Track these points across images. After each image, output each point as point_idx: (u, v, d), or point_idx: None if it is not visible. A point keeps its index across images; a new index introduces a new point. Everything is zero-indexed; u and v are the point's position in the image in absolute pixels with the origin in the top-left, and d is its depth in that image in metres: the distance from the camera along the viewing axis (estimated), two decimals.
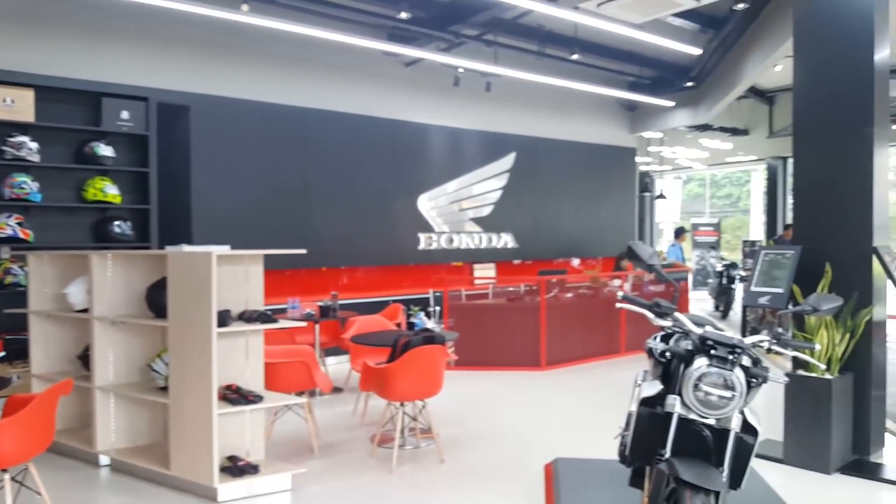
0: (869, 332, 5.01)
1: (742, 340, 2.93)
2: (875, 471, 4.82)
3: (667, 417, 2.92)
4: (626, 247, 3.45)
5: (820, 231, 5.24)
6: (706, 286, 16.74)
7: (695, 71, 11.27)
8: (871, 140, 5.04)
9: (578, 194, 11.82)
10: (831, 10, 5.25)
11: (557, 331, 8.41)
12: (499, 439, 5.61)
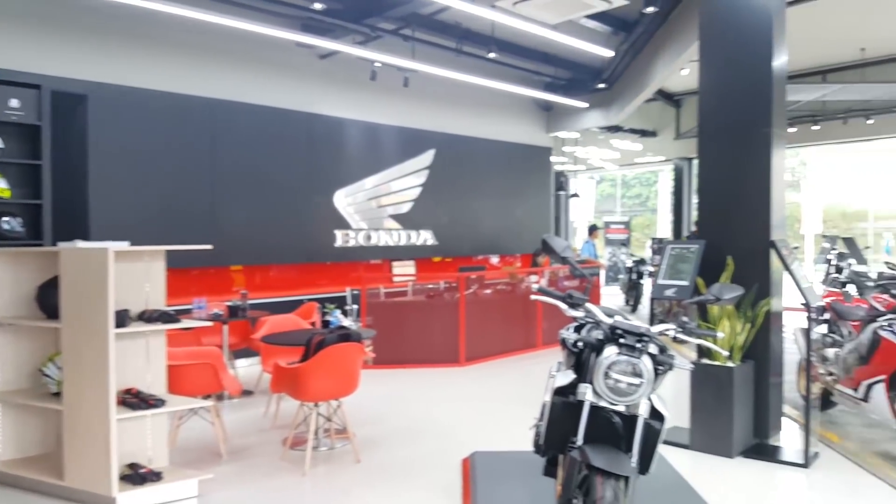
0: (767, 322, 5.28)
1: (649, 329, 3.01)
2: (774, 453, 5.08)
3: (579, 406, 2.97)
4: (541, 240, 3.48)
5: (722, 226, 5.48)
6: (617, 282, 17.30)
7: (607, 73, 11.59)
8: (770, 141, 5.32)
9: (497, 192, 11.94)
10: (734, 19, 5.49)
11: (476, 327, 8.44)
12: (416, 437, 5.56)
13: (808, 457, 4.79)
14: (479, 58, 9.66)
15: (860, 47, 12.56)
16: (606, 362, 2.93)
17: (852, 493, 4.36)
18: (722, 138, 5.55)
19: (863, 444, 5.29)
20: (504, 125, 12.37)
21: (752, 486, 4.50)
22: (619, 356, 2.93)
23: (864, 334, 5.35)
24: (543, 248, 3.43)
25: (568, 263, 3.40)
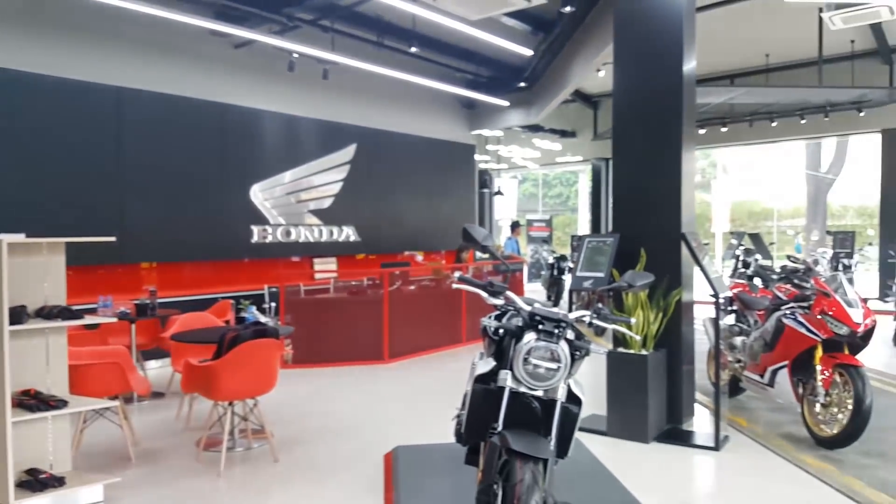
0: (679, 312, 5.47)
1: (567, 315, 3.05)
2: (687, 438, 5.26)
3: (499, 392, 2.98)
4: (462, 229, 3.47)
5: (636, 220, 5.67)
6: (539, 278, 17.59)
7: (527, 72, 11.78)
8: (680, 140, 5.53)
9: (421, 189, 11.91)
10: (646, 23, 5.67)
11: (400, 324, 8.38)
12: (338, 434, 5.45)
13: (719, 440, 4.98)
14: (401, 52, 9.62)
15: (765, 53, 13.26)
16: (526, 348, 2.95)
17: (759, 473, 4.55)
18: (635, 137, 5.73)
19: (769, 427, 5.55)
20: (427, 121, 12.36)
21: (666, 470, 4.64)
22: (537, 342, 2.95)
23: (769, 322, 5.62)
24: (464, 237, 3.41)
25: (488, 252, 3.40)
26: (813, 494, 4.15)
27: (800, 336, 5.11)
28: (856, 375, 4.75)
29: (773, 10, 10.14)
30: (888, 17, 9.13)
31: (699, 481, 4.61)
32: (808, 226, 26.66)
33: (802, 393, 5.14)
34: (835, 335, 4.91)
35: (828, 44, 11.12)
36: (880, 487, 4.21)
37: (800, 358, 5.15)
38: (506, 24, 9.48)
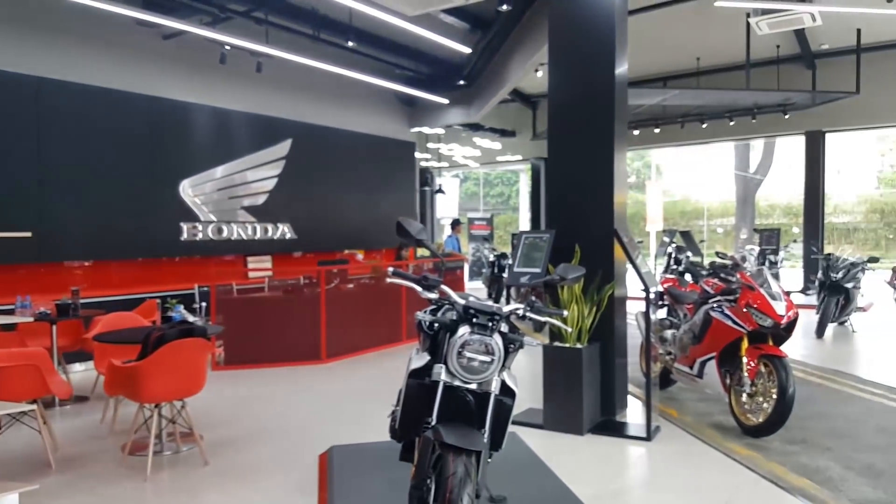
0: (612, 306, 5.58)
1: (500, 309, 3.05)
2: (620, 429, 5.36)
3: (433, 387, 2.97)
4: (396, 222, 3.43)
5: (571, 217, 5.76)
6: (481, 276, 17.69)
7: (467, 70, 11.82)
8: (613, 140, 5.63)
9: (359, 186, 11.76)
10: (580, 25, 5.75)
11: (338, 323, 8.25)
12: (272, 436, 5.31)
13: (651, 431, 5.09)
14: (338, 46, 9.50)
15: (696, 56, 13.70)
16: (460, 341, 2.95)
17: (689, 462, 4.67)
18: (569, 137, 5.82)
19: (698, 417, 5.71)
20: (366, 117, 12.25)
21: (599, 460, 4.71)
22: (471, 335, 2.96)
23: (697, 316, 5.78)
24: (398, 231, 3.37)
25: (422, 246, 3.37)
26: (740, 481, 4.28)
27: (726, 328, 5.27)
28: (779, 366, 4.93)
29: (704, 15, 10.47)
30: (810, 24, 9.58)
31: (632, 471, 4.69)
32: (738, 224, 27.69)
33: (729, 383, 5.31)
34: (759, 327, 5.08)
35: (755, 48, 11.57)
36: (802, 472, 4.38)
37: (727, 349, 5.31)
38: (444, 21, 9.49)
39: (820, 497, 3.98)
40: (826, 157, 14.86)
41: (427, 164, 17.37)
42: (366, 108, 12.28)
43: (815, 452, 4.76)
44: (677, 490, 4.19)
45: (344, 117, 11.64)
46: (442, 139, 17.09)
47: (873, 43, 12.46)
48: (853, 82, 12.18)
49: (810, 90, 13.01)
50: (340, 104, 11.59)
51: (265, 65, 9.23)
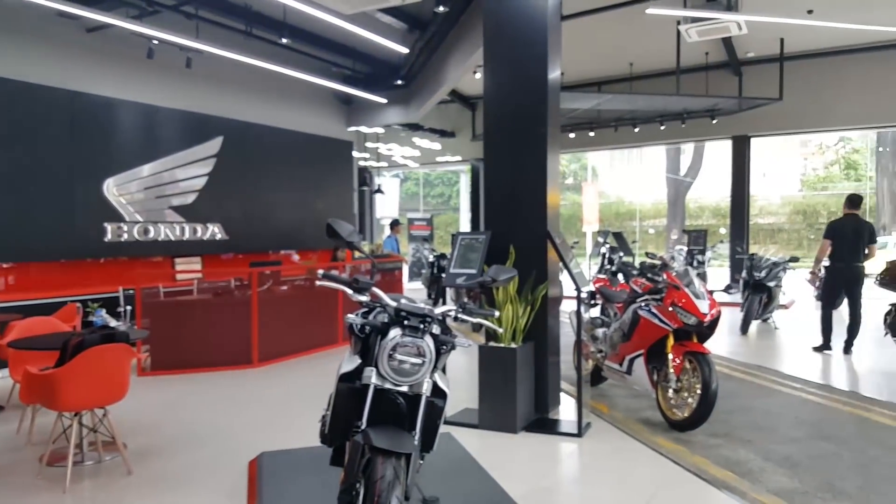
0: (545, 306, 5.66)
1: (432, 310, 3.06)
2: (553, 426, 5.44)
3: (364, 390, 2.94)
4: (326, 224, 3.40)
5: (506, 219, 5.82)
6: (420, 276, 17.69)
7: (405, 70, 11.79)
8: (546, 143, 5.70)
9: (295, 185, 11.56)
10: (514, 28, 5.81)
11: (271, 325, 8.08)
12: (200, 443, 5.16)
13: (582, 427, 5.19)
14: (272, 43, 9.31)
15: (629, 62, 14.06)
16: (391, 344, 2.94)
17: (618, 457, 4.78)
18: (504, 139, 5.87)
19: (627, 413, 5.86)
20: (302, 115, 12.07)
21: (532, 458, 4.77)
22: (403, 337, 2.95)
23: (626, 314, 5.93)
24: (328, 233, 3.34)
25: (353, 248, 3.34)
26: (666, 474, 4.41)
27: (653, 326, 5.42)
28: (703, 362, 5.11)
29: (636, 22, 10.74)
30: (737, 32, 9.95)
31: (563, 467, 4.77)
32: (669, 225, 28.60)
33: (656, 379, 5.46)
34: (684, 325, 5.25)
35: (685, 55, 11.94)
36: (724, 465, 4.54)
37: (654, 347, 5.46)
38: (381, 20, 9.43)
39: (740, 488, 4.13)
40: (751, 160, 15.51)
41: (366, 164, 17.25)
42: (301, 106, 12.10)
43: (736, 445, 4.95)
44: (606, 485, 4.28)
45: (278, 115, 11.42)
46: (381, 139, 17.00)
47: (796, 52, 13.05)
48: (777, 89, 12.74)
49: (737, 96, 13.53)
50: (275, 101, 11.38)
51: (195, 60, 8.97)
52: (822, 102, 13.68)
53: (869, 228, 8.11)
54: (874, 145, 34.33)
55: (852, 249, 8.04)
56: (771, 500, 3.96)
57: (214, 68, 9.61)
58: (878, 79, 13.14)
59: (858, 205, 8.27)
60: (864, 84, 13.27)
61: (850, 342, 8.26)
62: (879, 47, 12.71)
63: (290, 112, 11.74)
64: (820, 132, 21.84)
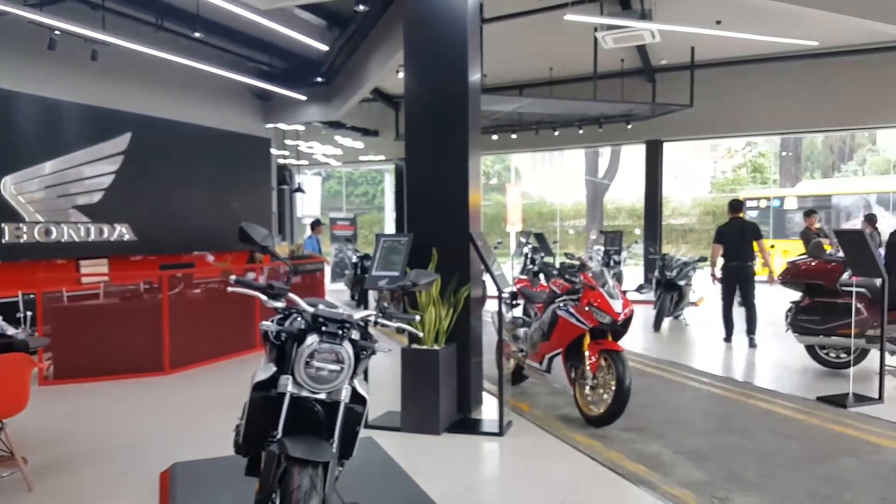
0: (468, 307, 5.69)
1: (351, 315, 3.01)
2: (475, 426, 5.49)
3: (279, 398, 2.86)
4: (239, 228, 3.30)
5: (428, 220, 5.82)
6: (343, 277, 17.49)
7: (325, 67, 11.61)
8: (467, 145, 5.73)
9: (209, 183, 11.14)
10: (434, 31, 5.81)
11: (184, 330, 7.76)
12: (108, 455, 4.91)
13: (503, 426, 5.25)
14: (184, 37, 8.97)
15: (549, 67, 14.36)
16: (308, 350, 2.88)
17: (537, 454, 4.87)
18: (426, 140, 5.87)
19: (547, 410, 5.97)
20: (217, 111, 11.67)
21: (454, 458, 4.79)
22: (320, 344, 2.89)
23: (546, 314, 6.05)
24: (241, 238, 3.23)
25: (268, 252, 3.26)
26: (582, 469, 4.52)
27: (571, 326, 5.56)
28: (617, 359, 5.27)
29: (555, 27, 10.98)
30: (650, 40, 10.34)
31: (484, 467, 4.82)
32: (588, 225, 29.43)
33: (574, 377, 5.59)
34: (600, 324, 5.40)
35: (602, 61, 12.30)
36: (637, 459, 4.70)
37: (572, 345, 5.60)
38: (300, 16, 9.25)
39: (653, 482, 4.29)
40: (664, 164, 16.15)
41: (285, 162, 16.89)
42: (216, 102, 11.70)
43: (649, 439, 5.13)
44: (526, 482, 4.34)
45: (191, 110, 11.00)
46: (301, 136, 16.69)
47: (706, 60, 13.68)
48: (688, 96, 13.31)
49: (650, 102, 14.06)
50: (187, 97, 10.95)
51: (102, 53, 8.52)
52: (730, 109, 14.40)
53: (751, 229, 8.88)
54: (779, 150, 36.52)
55: (739, 250, 8.75)
56: (681, 492, 4.12)
57: (122, 61, 9.17)
58: (782, 88, 13.96)
59: (739, 209, 9.09)
60: (769, 92, 14.07)
61: (751, 335, 8.82)
62: (783, 58, 13.50)
63: (203, 108, 11.33)
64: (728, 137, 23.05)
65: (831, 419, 5.58)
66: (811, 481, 4.26)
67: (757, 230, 8.95)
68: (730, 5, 10.65)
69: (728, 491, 4.13)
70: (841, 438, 5.11)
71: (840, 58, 13.22)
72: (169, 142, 10.33)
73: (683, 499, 4.02)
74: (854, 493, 4.07)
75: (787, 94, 13.94)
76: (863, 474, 4.37)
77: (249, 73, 11.17)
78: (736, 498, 4.03)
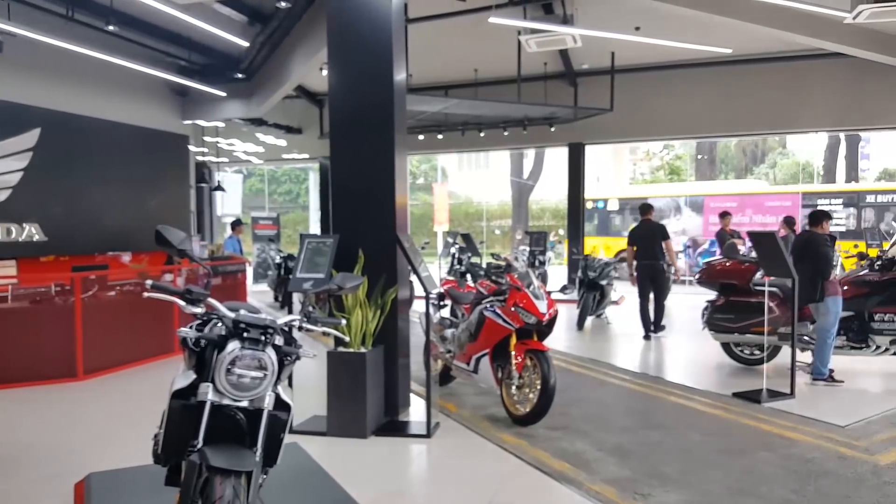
0: (395, 309, 5.67)
1: (274, 321, 2.96)
2: (403, 428, 5.48)
3: (200, 407, 2.78)
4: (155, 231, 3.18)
5: (354, 221, 5.76)
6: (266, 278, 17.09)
7: (245, 63, 11.31)
8: (393, 145, 5.71)
9: (124, 182, 10.65)
10: (357, 31, 5.75)
11: (98, 335, 7.40)
12: (18, 466, 4.63)
13: (430, 428, 5.27)
14: (97, 29, 8.54)
15: (474, 68, 14.48)
16: (229, 357, 2.82)
17: (464, 454, 4.91)
18: (350, 140, 5.81)
19: (475, 410, 6.02)
20: (132, 107, 11.17)
21: (380, 462, 4.77)
22: (242, 350, 2.83)
23: (473, 315, 6.10)
24: (157, 241, 3.12)
25: (185, 256, 3.15)
26: (509, 469, 4.59)
27: (497, 326, 5.62)
28: (542, 359, 5.37)
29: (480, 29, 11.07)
30: (572, 45, 10.58)
31: (411, 469, 4.82)
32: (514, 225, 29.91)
33: (501, 377, 5.67)
34: (525, 324, 5.49)
35: (525, 65, 12.50)
36: (562, 456, 4.80)
37: (498, 346, 5.67)
38: (220, 11, 8.97)
39: (577, 479, 4.39)
40: (586, 166, 16.58)
41: (205, 159, 16.36)
42: (132, 97, 11.19)
43: (574, 437, 5.26)
44: (452, 484, 4.37)
45: (106, 106, 10.49)
46: (221, 133, 16.20)
47: (625, 65, 14.09)
48: (608, 100, 13.69)
49: (572, 106, 14.39)
50: (101, 92, 10.43)
51: (7, 44, 8.00)
52: (649, 113, 14.92)
53: (660, 230, 9.57)
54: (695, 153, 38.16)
55: (649, 250, 9.45)
56: (604, 488, 4.24)
57: (31, 54, 8.65)
58: (698, 93, 14.58)
59: (647, 212, 9.76)
60: (685, 98, 14.66)
61: (657, 324, 9.60)
62: (699, 64, 14.09)
63: (118, 103, 10.82)
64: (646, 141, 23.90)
65: (746, 414, 5.84)
66: (728, 475, 4.46)
67: (664, 231, 9.60)
68: (649, 12, 11.04)
69: (650, 487, 4.27)
70: (756, 433, 5.35)
71: (753, 65, 13.92)
72: (81, 138, 9.81)
73: (607, 495, 4.13)
74: (769, 485, 4.27)
75: (703, 99, 14.57)
76: (776, 467, 4.58)
77: (167, 69, 10.75)
78: (657, 493, 4.17)
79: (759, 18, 10.67)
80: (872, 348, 7.08)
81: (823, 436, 5.23)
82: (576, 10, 10.64)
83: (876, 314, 7.03)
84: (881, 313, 7.01)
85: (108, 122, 10.36)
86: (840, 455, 4.79)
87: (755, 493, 4.16)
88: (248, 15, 9.39)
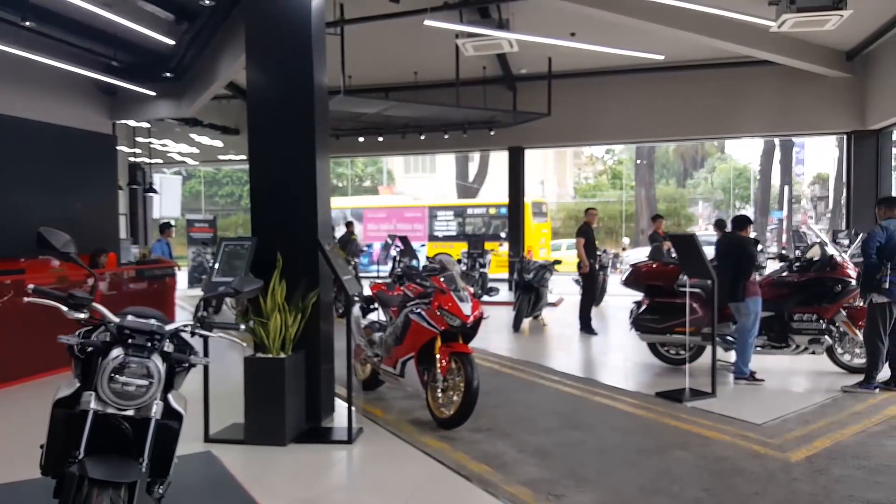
0: (317, 313, 5.55)
1: (161, 327, 2.86)
2: (325, 435, 5.38)
3: (83, 416, 2.68)
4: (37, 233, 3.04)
5: (274, 224, 5.60)
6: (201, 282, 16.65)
7: (174, 62, 11.00)
8: (314, 148, 5.59)
9: (45, 183, 10.15)
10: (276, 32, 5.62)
11: (12, 342, 7.05)
12: None
13: (353, 433, 5.17)
14: (13, 24, 8.16)
15: (413, 71, 14.44)
16: (112, 365, 2.73)
17: (386, 459, 4.84)
18: (270, 142, 5.67)
19: (400, 415, 5.95)
20: (55, 106, 10.71)
21: (298, 470, 4.65)
22: (125, 358, 2.73)
23: (399, 318, 6.03)
24: (39, 243, 2.98)
25: (69, 260, 3.03)
26: (427, 473, 4.53)
27: (423, 329, 5.57)
28: (466, 361, 5.34)
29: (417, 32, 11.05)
30: (509, 49, 10.67)
31: (328, 476, 4.71)
32: None
33: (426, 380, 5.62)
34: (450, 327, 5.46)
35: (464, 68, 12.52)
36: (482, 459, 4.77)
37: (424, 349, 5.61)
38: (145, 9, 8.68)
39: (494, 481, 4.36)
40: (525, 170, 16.72)
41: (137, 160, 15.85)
42: (54, 96, 10.72)
43: (496, 439, 5.24)
44: (368, 489, 4.31)
45: (26, 105, 10.01)
46: (153, 133, 15.72)
47: (562, 71, 14.25)
48: (546, 105, 13.83)
49: (511, 110, 14.47)
50: (20, 90, 9.96)
51: None
52: (586, 118, 15.15)
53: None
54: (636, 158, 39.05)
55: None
56: (520, 490, 4.23)
57: None
58: (635, 99, 14.86)
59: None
60: (622, 103, 14.94)
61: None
62: (634, 70, 14.37)
63: (41, 102, 10.35)
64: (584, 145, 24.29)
65: (668, 414, 5.91)
66: (643, 475, 4.49)
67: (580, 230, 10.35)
68: (584, 19, 11.21)
69: (565, 487, 4.27)
70: (675, 432, 5.42)
71: (689, 72, 14.29)
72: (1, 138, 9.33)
73: (522, 497, 4.12)
74: (681, 484, 4.31)
75: (639, 104, 14.87)
76: (691, 467, 4.64)
77: (92, 67, 10.34)
78: (571, 494, 4.18)
79: (690, 26, 10.97)
80: (792, 347, 7.29)
81: (740, 434, 5.34)
82: (511, 15, 10.74)
83: (795, 314, 7.24)
84: (800, 313, 7.23)
85: (29, 121, 9.88)
86: (754, 453, 4.90)
87: (667, 493, 4.20)
88: (174, 13, 9.12)
